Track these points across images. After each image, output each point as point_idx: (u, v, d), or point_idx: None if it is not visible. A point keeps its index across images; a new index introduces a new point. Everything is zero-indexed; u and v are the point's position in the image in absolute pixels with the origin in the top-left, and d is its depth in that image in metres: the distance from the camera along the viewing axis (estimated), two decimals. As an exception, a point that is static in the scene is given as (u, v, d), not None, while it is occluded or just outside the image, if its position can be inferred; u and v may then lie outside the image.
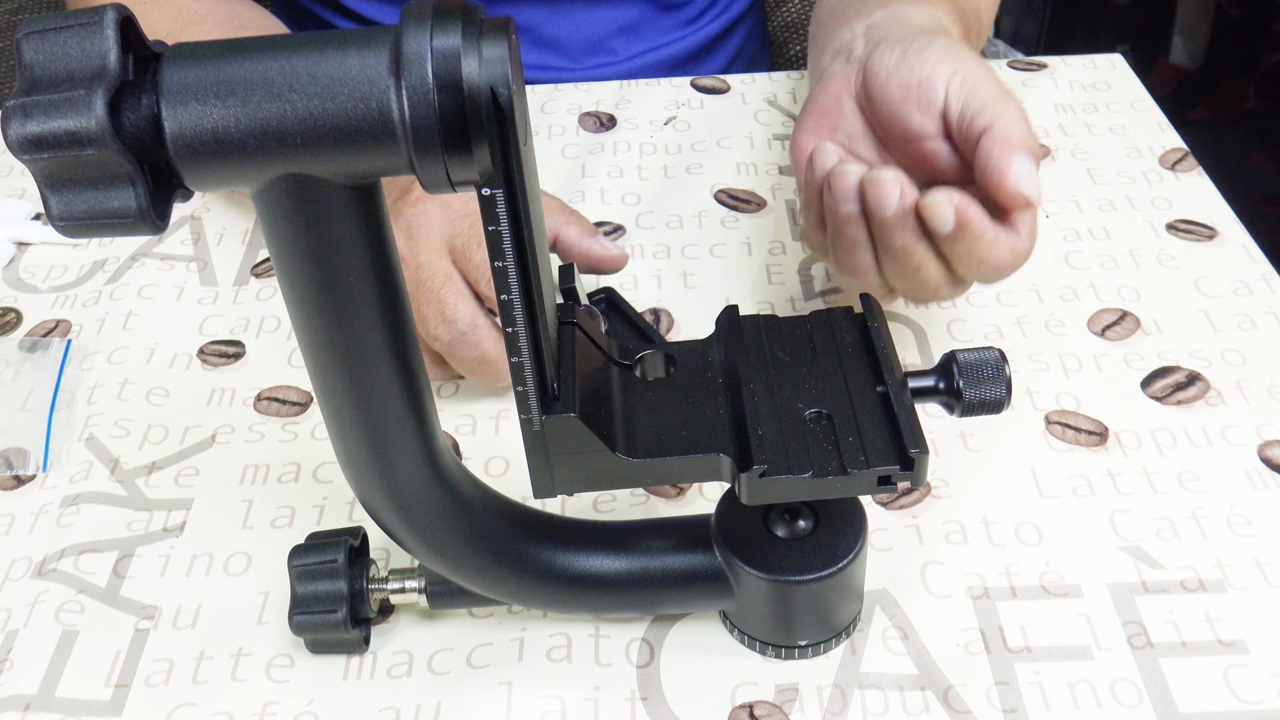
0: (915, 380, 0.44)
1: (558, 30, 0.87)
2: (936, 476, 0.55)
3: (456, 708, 0.47)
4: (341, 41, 0.32)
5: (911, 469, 0.41)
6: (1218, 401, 0.58)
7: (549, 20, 0.86)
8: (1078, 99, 0.81)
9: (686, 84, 0.85)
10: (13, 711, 0.48)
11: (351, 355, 0.38)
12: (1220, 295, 0.65)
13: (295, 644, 0.50)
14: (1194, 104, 1.84)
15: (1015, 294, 0.66)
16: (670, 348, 0.47)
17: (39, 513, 0.56)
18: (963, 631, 0.49)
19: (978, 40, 0.70)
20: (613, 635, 0.50)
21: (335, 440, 0.41)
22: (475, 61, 0.31)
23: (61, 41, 0.31)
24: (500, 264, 0.36)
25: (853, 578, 0.47)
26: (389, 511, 0.43)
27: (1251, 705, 0.46)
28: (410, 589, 0.49)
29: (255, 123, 0.31)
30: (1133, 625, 0.49)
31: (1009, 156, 0.47)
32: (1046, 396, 0.59)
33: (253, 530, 0.55)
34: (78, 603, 0.52)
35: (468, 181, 0.33)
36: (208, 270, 0.71)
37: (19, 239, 0.73)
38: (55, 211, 0.32)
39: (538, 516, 0.47)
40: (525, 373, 0.39)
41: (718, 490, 0.56)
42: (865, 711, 0.46)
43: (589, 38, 0.88)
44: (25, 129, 0.31)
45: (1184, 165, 0.74)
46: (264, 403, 0.62)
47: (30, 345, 0.65)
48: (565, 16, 0.86)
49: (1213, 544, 0.52)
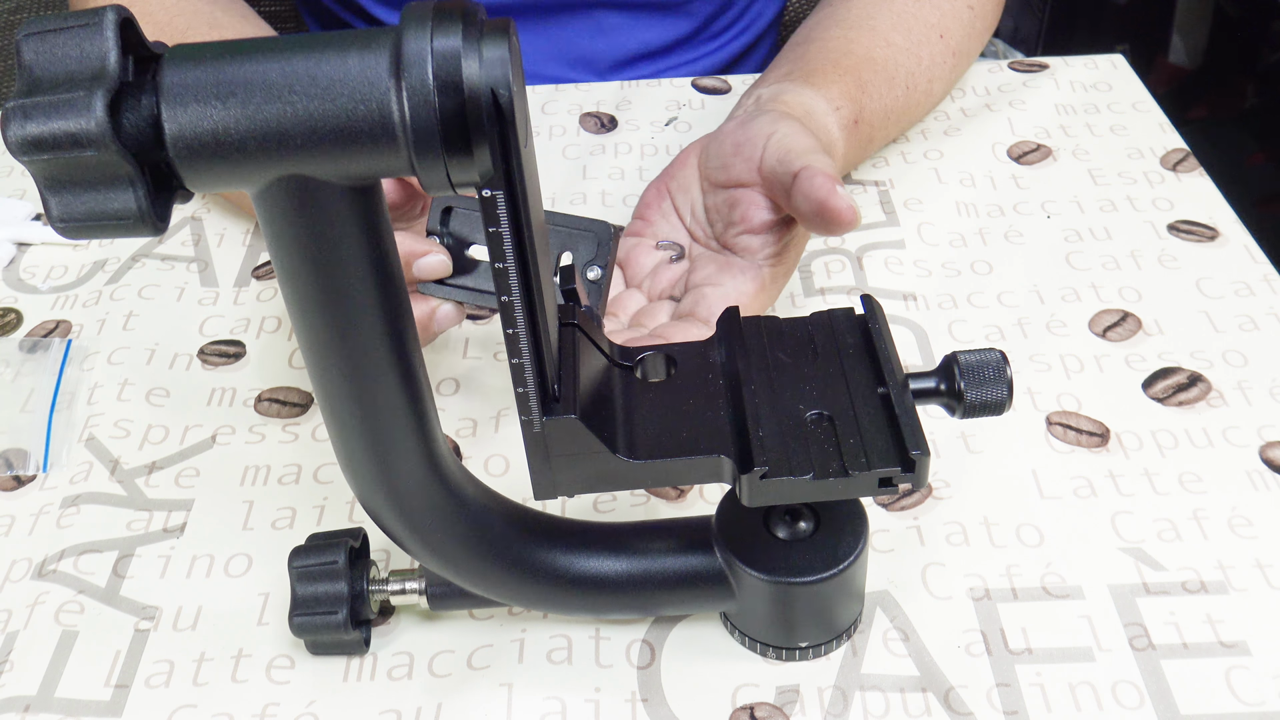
0: (916, 381, 0.44)
1: (591, 46, 0.88)
2: (937, 478, 0.55)
3: (457, 709, 0.47)
4: (342, 43, 0.32)
5: (912, 470, 0.41)
6: (1219, 402, 0.58)
7: (591, 37, 0.88)
8: (1078, 99, 0.81)
9: (687, 84, 0.85)
10: (13, 712, 0.48)
11: (351, 356, 0.38)
12: (1222, 296, 0.65)
13: (295, 645, 0.50)
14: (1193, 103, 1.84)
15: (1016, 295, 0.66)
16: (671, 349, 0.47)
17: (39, 513, 0.56)
18: (964, 633, 0.49)
19: (901, 109, 0.72)
20: (613, 637, 0.50)
21: (335, 441, 0.41)
22: (476, 63, 0.31)
23: (61, 42, 0.31)
24: (501, 265, 0.36)
25: (853, 579, 0.47)
26: (389, 512, 0.43)
27: (1253, 707, 0.46)
28: (411, 590, 0.49)
29: (255, 124, 0.31)
30: (1134, 627, 0.49)
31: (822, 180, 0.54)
32: (1048, 397, 0.59)
33: (253, 531, 0.55)
34: (78, 603, 0.52)
35: (468, 183, 0.33)
36: (208, 271, 0.71)
37: (19, 239, 0.73)
38: (55, 213, 0.32)
39: (538, 518, 0.47)
40: (526, 374, 0.39)
41: (718, 492, 0.56)
42: (866, 713, 0.46)
43: (620, 56, 0.89)
44: (25, 130, 0.31)
45: (1185, 166, 0.74)
46: (264, 403, 0.61)
47: (30, 346, 0.65)
48: (604, 35, 0.88)
49: (1214, 545, 0.52)
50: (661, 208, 0.64)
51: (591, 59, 0.89)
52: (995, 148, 0.77)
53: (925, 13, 0.74)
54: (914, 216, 0.72)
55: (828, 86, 0.66)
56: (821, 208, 0.53)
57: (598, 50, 0.88)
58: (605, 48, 0.88)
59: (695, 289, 0.59)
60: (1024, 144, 0.77)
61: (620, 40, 0.88)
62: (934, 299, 0.66)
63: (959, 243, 0.69)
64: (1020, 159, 0.76)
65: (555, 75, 0.88)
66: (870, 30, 0.71)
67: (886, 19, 0.72)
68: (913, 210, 0.72)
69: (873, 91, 0.69)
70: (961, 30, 0.76)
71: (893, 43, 0.71)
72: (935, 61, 0.74)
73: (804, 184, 0.54)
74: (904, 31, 0.72)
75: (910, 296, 0.66)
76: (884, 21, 0.72)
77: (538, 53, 0.87)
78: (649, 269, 0.62)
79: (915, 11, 0.73)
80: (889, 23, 0.72)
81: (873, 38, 0.71)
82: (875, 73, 0.69)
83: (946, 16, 0.74)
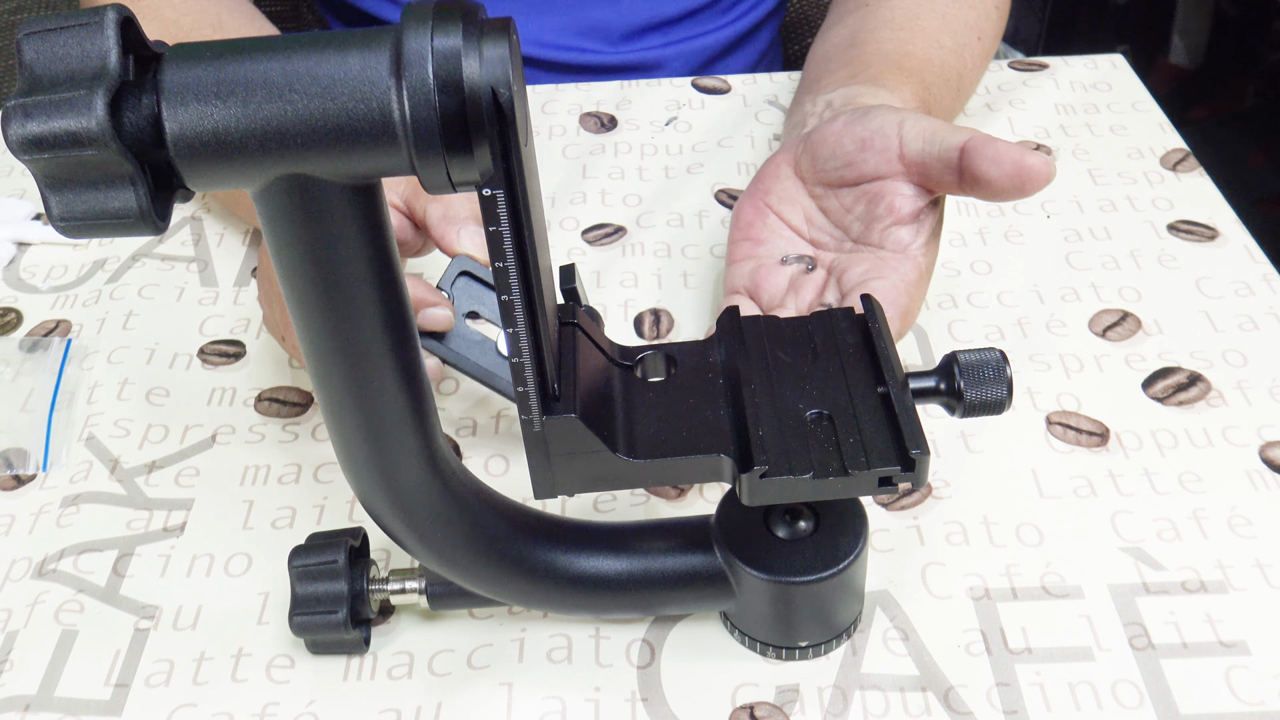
0: (916, 381, 0.44)
1: (603, 15, 0.88)
2: (937, 477, 0.55)
3: (457, 709, 0.47)
4: (342, 42, 0.32)
5: (912, 470, 0.41)
6: (1219, 402, 0.58)
7: (603, 6, 0.87)
8: (1079, 99, 0.81)
9: (687, 84, 0.85)
10: (13, 711, 0.48)
11: (352, 355, 0.38)
12: (1221, 296, 0.65)
13: (295, 645, 0.50)
14: (1193, 104, 1.84)
15: (1016, 294, 0.66)
16: (671, 348, 0.47)
17: (39, 513, 0.56)
18: (963, 632, 0.49)
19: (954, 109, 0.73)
20: (613, 636, 0.50)
21: (335, 440, 0.41)
22: (476, 62, 0.31)
23: (62, 42, 0.31)
24: (501, 264, 0.36)
25: (853, 579, 0.47)
26: (389, 512, 0.43)
27: (1253, 706, 0.46)
28: (411, 590, 0.49)
29: (256, 123, 0.31)
30: (1134, 626, 0.49)
31: (1003, 144, 0.53)
32: (1047, 397, 0.59)
33: (253, 530, 0.55)
34: (77, 602, 0.52)
35: (468, 182, 0.33)
36: (208, 271, 0.71)
37: (19, 239, 0.73)
38: (56, 212, 0.32)
39: (538, 517, 0.47)
40: (526, 373, 0.39)
41: (718, 491, 0.56)
42: (866, 712, 0.46)
43: (632, 25, 0.89)
44: (25, 129, 0.31)
45: (1185, 166, 0.74)
46: (264, 403, 0.61)
47: (30, 345, 0.65)
48: (616, 4, 0.87)
49: (1214, 545, 0.52)
50: (768, 224, 0.62)
51: (604, 28, 0.89)
52: (995, 147, 0.77)
53: (964, 13, 0.74)
54: (914, 216, 0.72)
55: (899, 89, 0.66)
56: (1018, 168, 0.52)
57: (609, 20, 0.88)
58: (617, 17, 0.88)
59: (858, 287, 0.56)
60: (1024, 144, 0.77)
61: (632, 9, 0.88)
62: (934, 298, 0.66)
63: (959, 242, 0.69)
64: (1020, 159, 0.76)
65: (567, 44, 0.88)
66: (922, 31, 0.71)
67: (933, 20, 0.72)
68: (913, 210, 0.72)
69: (936, 93, 0.69)
70: (992, 31, 0.76)
71: (943, 44, 0.71)
72: (976, 63, 0.74)
73: (985, 151, 0.53)
74: (951, 33, 0.72)
75: (910, 296, 0.66)
76: (931, 22, 0.72)
77: (550, 21, 0.87)
78: (785, 286, 0.60)
79: (956, 13, 0.73)
80: (937, 24, 0.72)
81: (926, 39, 0.71)
82: (934, 75, 0.69)
83: (981, 18, 0.75)
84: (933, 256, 0.58)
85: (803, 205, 0.61)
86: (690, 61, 0.91)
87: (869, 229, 0.58)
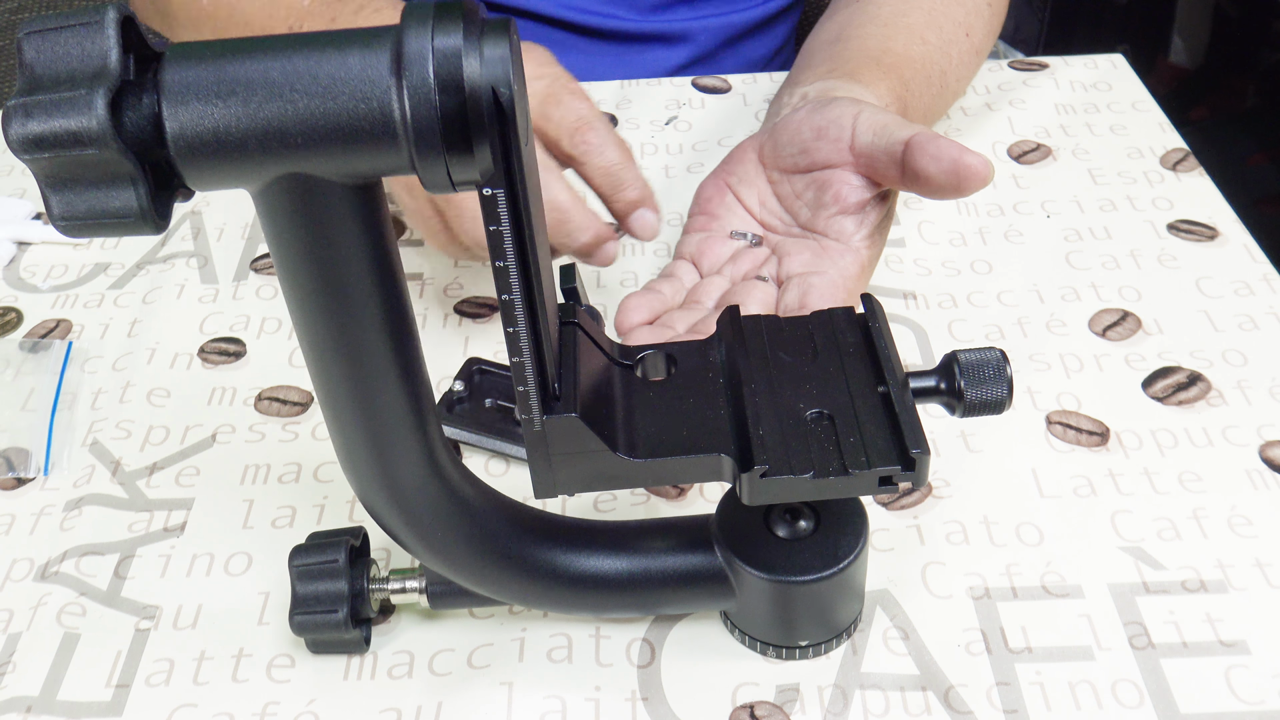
0: (916, 380, 0.44)
1: None
2: (937, 477, 0.55)
3: (457, 708, 0.47)
4: (342, 41, 0.32)
5: (913, 469, 0.41)
6: (1219, 402, 0.58)
7: None
8: (1079, 99, 0.81)
9: (687, 84, 0.85)
10: (15, 713, 0.48)
11: (352, 355, 0.38)
12: (1221, 295, 0.65)
13: (296, 644, 0.50)
14: (1194, 104, 1.84)
15: (1016, 294, 0.66)
16: (671, 348, 0.47)
17: (40, 514, 0.56)
18: (964, 632, 0.49)
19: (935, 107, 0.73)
20: (613, 635, 0.50)
21: (336, 440, 0.41)
22: (476, 61, 0.31)
23: (62, 41, 0.31)
24: (501, 264, 0.36)
25: (853, 578, 0.47)
26: (389, 511, 0.43)
27: (1253, 706, 0.46)
28: (411, 589, 0.49)
29: (256, 122, 0.31)
30: (1134, 626, 0.49)
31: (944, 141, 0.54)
32: (1047, 397, 0.59)
33: (253, 530, 0.55)
34: (79, 605, 0.52)
35: (469, 181, 0.33)
36: (208, 267, 0.71)
37: (19, 239, 0.73)
38: (56, 211, 0.32)
39: (538, 516, 0.47)
40: (526, 373, 0.39)
41: (718, 490, 0.56)
42: (866, 712, 0.46)
43: None
44: (26, 129, 0.31)
45: (1185, 165, 0.74)
46: (265, 402, 0.62)
47: (31, 345, 0.65)
48: None
49: (1214, 544, 0.52)
50: (725, 201, 0.63)
51: None
52: (995, 147, 0.77)
53: (953, 10, 0.74)
54: (914, 215, 0.72)
55: (874, 84, 0.66)
56: (956, 165, 0.53)
57: None
58: None
59: (798, 278, 0.58)
60: (1024, 143, 0.77)
61: None
62: (934, 298, 0.66)
63: (959, 242, 0.69)
64: (1020, 158, 0.76)
65: (598, 9, 0.88)
66: (906, 29, 0.71)
67: (919, 17, 0.72)
68: (913, 209, 0.72)
69: (915, 89, 0.69)
70: (983, 28, 0.76)
71: (927, 40, 0.71)
72: (963, 60, 0.74)
73: (927, 147, 0.54)
74: (936, 30, 0.72)
75: (910, 295, 0.66)
76: (917, 19, 0.72)
77: None
78: (726, 257, 0.62)
79: (944, 9, 0.73)
80: (922, 20, 0.72)
81: (909, 36, 0.71)
82: (915, 71, 0.69)
83: (971, 14, 0.75)
84: (876, 250, 0.59)
85: (759, 188, 0.63)
86: (716, 36, 0.91)
87: (815, 215, 0.60)
